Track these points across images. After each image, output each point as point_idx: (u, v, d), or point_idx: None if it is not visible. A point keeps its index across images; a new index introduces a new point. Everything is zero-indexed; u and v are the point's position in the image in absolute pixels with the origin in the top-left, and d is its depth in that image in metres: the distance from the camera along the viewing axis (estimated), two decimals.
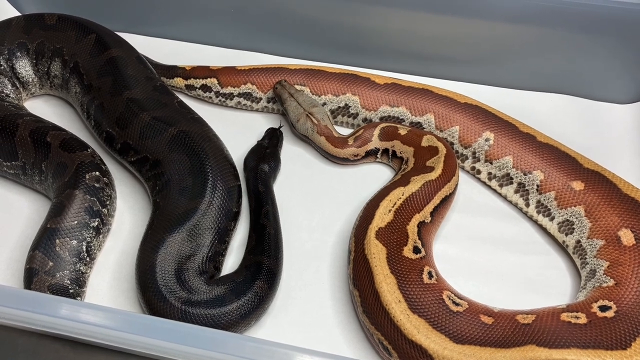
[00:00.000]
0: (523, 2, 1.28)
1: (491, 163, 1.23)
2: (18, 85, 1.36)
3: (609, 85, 1.38)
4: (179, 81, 1.40)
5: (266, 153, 1.24)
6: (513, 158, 1.20)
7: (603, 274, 1.03)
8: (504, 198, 1.24)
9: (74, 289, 1.06)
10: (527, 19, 1.31)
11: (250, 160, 1.24)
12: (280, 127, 1.32)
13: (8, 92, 1.34)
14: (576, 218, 1.12)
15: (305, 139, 1.31)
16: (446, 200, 1.15)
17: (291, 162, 1.30)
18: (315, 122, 1.25)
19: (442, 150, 1.20)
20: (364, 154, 1.28)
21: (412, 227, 1.07)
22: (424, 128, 1.30)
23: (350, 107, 1.33)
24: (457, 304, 0.97)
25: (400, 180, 1.16)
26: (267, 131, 1.31)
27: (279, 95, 1.31)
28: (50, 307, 0.85)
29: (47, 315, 0.84)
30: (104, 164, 1.20)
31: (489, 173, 1.24)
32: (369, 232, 1.05)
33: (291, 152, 1.31)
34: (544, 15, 1.29)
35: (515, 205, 1.23)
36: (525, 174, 1.19)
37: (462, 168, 1.28)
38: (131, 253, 1.13)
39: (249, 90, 1.37)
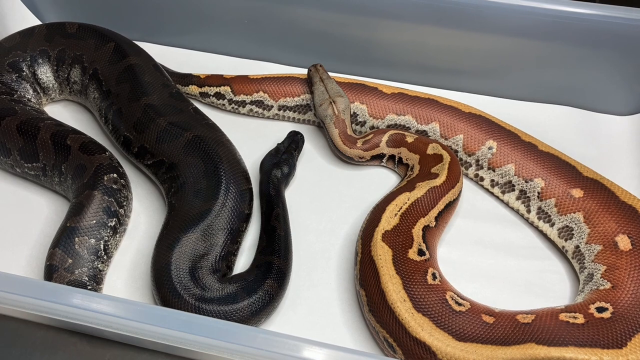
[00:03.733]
0: (526, 16, 1.32)
1: (494, 170, 1.27)
2: (39, 91, 1.41)
3: (608, 97, 1.42)
4: (193, 89, 1.45)
5: (282, 158, 1.28)
6: (515, 166, 1.24)
7: (600, 278, 1.06)
8: (506, 204, 1.28)
9: (92, 285, 1.10)
10: (530, 32, 1.35)
11: (266, 163, 1.28)
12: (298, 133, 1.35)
13: (29, 97, 1.39)
14: (575, 224, 1.16)
15: (321, 124, 1.35)
16: (450, 205, 1.19)
17: (302, 166, 1.34)
18: (336, 112, 1.29)
19: (447, 158, 1.24)
20: (369, 158, 1.32)
21: (417, 231, 1.11)
22: (429, 136, 1.34)
23: (358, 115, 1.37)
24: (459, 304, 1.00)
25: (406, 186, 1.20)
26: (288, 134, 1.35)
27: (310, 78, 1.36)
28: (68, 298, 0.88)
29: (66, 306, 0.88)
30: (121, 167, 1.25)
31: (492, 180, 1.28)
32: (375, 234, 1.09)
33: (302, 156, 1.36)
34: (547, 29, 1.33)
35: (517, 212, 1.26)
36: (526, 182, 1.23)
37: (466, 175, 1.32)
38: (146, 252, 1.18)
39: (261, 98, 1.41)
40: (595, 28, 1.31)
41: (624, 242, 1.08)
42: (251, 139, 1.38)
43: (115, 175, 1.20)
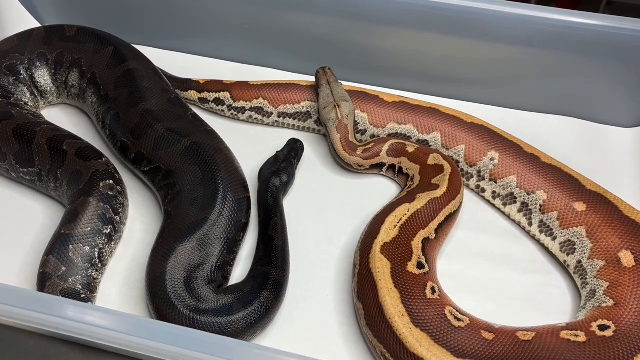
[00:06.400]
0: (530, 26, 1.31)
1: (496, 182, 1.26)
2: (36, 94, 1.40)
3: (612, 108, 1.41)
4: (192, 94, 1.44)
5: (281, 166, 1.26)
6: (517, 178, 1.23)
7: (603, 294, 1.04)
8: (508, 217, 1.26)
9: (86, 293, 1.09)
10: (534, 42, 1.34)
11: (264, 171, 1.27)
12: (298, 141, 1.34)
13: (27, 101, 1.38)
14: (578, 238, 1.14)
15: (324, 128, 1.34)
16: (450, 217, 1.17)
17: (301, 174, 1.32)
18: (339, 116, 1.28)
19: (448, 168, 1.22)
20: (368, 167, 1.30)
21: (416, 243, 1.09)
22: (431, 146, 1.32)
23: (359, 123, 1.36)
24: (458, 320, 0.99)
25: (406, 197, 1.18)
26: (288, 142, 1.33)
27: (317, 80, 1.35)
28: (61, 310, 0.87)
29: (58, 317, 0.87)
30: (118, 173, 1.23)
31: (494, 192, 1.27)
32: (374, 246, 1.07)
33: (301, 164, 1.34)
34: (550, 39, 1.32)
35: (519, 224, 1.25)
36: (528, 194, 1.21)
37: (467, 186, 1.31)
38: (141, 260, 1.16)
39: (261, 105, 1.40)
40: (599, 39, 1.30)
41: (627, 258, 1.06)
42: (250, 146, 1.37)
43: (111, 181, 1.19)
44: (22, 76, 1.37)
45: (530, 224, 1.22)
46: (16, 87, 1.36)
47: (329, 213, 1.27)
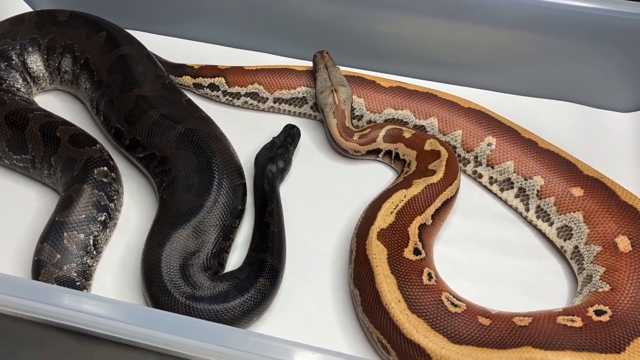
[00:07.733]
0: (528, 10, 1.30)
1: (493, 167, 1.25)
2: (29, 80, 1.38)
3: (610, 93, 1.40)
4: (187, 79, 1.42)
5: (277, 153, 1.25)
6: (514, 163, 1.22)
7: (599, 280, 1.04)
8: (505, 202, 1.26)
9: (81, 281, 1.08)
10: (532, 26, 1.33)
11: (261, 157, 1.26)
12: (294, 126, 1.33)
13: (19, 87, 1.36)
14: (575, 224, 1.14)
15: (320, 113, 1.33)
16: (447, 203, 1.17)
17: (297, 161, 1.31)
18: (336, 101, 1.27)
19: (445, 154, 1.22)
20: (364, 152, 1.30)
21: (413, 229, 1.09)
22: (428, 131, 1.31)
23: (355, 109, 1.35)
24: (455, 305, 0.99)
25: (403, 183, 1.18)
26: (284, 128, 1.32)
27: (315, 64, 1.34)
28: (56, 298, 0.87)
29: (53, 306, 0.86)
30: (112, 160, 1.22)
31: (491, 177, 1.26)
32: (370, 232, 1.07)
33: (298, 151, 1.33)
34: (549, 23, 1.31)
35: (516, 210, 1.24)
36: (525, 179, 1.21)
37: (464, 172, 1.30)
38: (137, 248, 1.15)
39: (256, 90, 1.39)
40: (598, 22, 1.29)
41: (624, 243, 1.06)
42: (246, 132, 1.36)
43: (105, 168, 1.18)
44: (14, 62, 1.35)
45: (527, 210, 1.21)
46: (8, 73, 1.34)
47: (326, 199, 1.26)
